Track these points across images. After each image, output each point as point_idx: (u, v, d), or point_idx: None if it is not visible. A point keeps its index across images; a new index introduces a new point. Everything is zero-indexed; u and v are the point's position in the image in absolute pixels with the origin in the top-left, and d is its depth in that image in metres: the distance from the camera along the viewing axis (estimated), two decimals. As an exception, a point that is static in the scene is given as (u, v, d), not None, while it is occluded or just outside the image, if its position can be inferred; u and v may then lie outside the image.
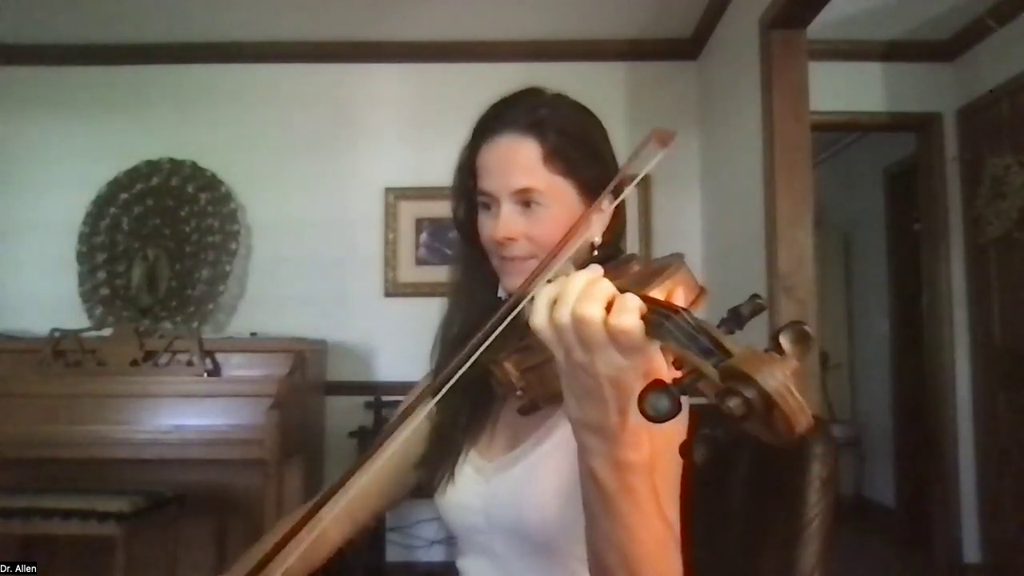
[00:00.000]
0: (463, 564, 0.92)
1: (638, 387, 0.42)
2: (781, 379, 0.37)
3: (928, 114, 3.57)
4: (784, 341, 0.40)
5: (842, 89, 3.45)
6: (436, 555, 3.34)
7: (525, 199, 0.84)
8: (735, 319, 0.46)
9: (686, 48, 3.56)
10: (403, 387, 1.06)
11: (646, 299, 0.53)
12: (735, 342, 0.42)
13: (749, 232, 2.80)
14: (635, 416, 0.42)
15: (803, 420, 0.37)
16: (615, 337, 0.53)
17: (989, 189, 3.23)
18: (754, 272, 2.73)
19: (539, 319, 0.58)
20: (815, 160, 3.05)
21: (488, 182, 0.86)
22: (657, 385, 0.41)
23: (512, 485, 0.85)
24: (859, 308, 5.19)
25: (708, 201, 3.49)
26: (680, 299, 0.59)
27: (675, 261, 0.66)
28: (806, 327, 0.40)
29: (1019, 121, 3.14)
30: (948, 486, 3.48)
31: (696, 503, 0.94)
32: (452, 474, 0.90)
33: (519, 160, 0.84)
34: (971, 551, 3.42)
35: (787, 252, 2.54)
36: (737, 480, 0.91)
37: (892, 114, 3.57)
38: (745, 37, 2.84)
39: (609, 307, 0.54)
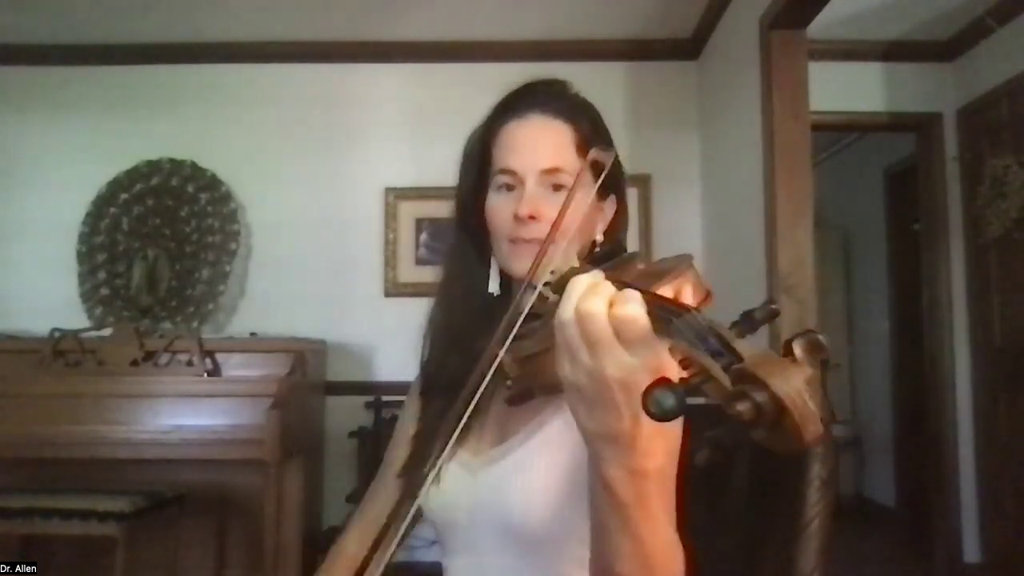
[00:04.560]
0: (448, 564, 0.91)
1: None
2: (796, 385, 0.36)
3: (928, 114, 3.57)
4: (797, 349, 0.39)
5: (842, 89, 3.45)
6: (436, 555, 3.33)
7: (553, 181, 0.83)
8: (748, 322, 0.44)
9: (686, 48, 3.56)
10: (403, 387, 1.05)
11: (653, 296, 0.51)
12: (746, 346, 0.41)
13: (749, 232, 2.80)
14: (647, 421, 0.41)
15: (813, 429, 0.36)
16: (620, 329, 0.51)
17: (989, 189, 3.23)
18: (754, 272, 2.73)
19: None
20: (815, 160, 3.05)
21: (514, 159, 0.84)
22: (663, 382, 0.40)
23: (497, 480, 0.83)
24: (859, 308, 5.20)
25: (708, 201, 3.49)
26: (688, 299, 0.58)
27: (684, 261, 0.65)
28: (820, 337, 0.40)
29: (1019, 121, 3.13)
30: (948, 486, 3.48)
31: (696, 503, 0.94)
32: (438, 473, 0.88)
33: (551, 140, 0.83)
34: (971, 551, 3.42)
35: (787, 252, 2.54)
36: (737, 480, 0.91)
37: (892, 114, 3.57)
38: (745, 37, 2.84)
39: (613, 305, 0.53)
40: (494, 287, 0.89)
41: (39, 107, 3.63)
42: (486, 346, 0.68)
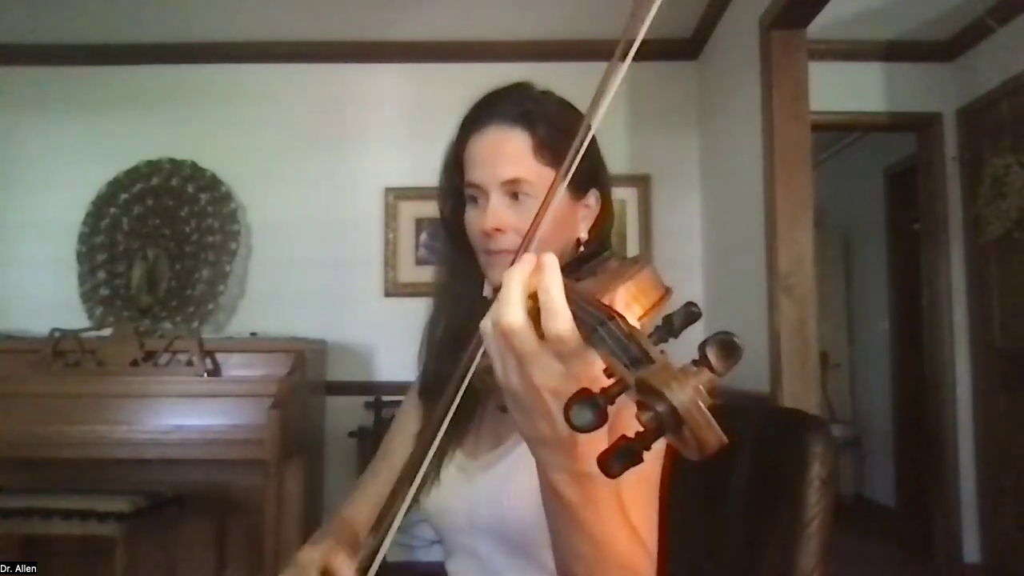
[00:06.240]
0: (450, 566, 0.91)
1: None
2: (691, 395, 0.36)
3: (928, 114, 3.57)
4: (710, 353, 0.38)
5: (842, 89, 3.45)
6: (436, 555, 3.34)
7: (514, 190, 0.83)
8: (666, 328, 0.44)
9: (686, 48, 3.56)
10: (403, 387, 1.05)
11: (586, 301, 0.51)
12: (661, 353, 0.40)
13: (749, 232, 2.79)
14: None
15: (711, 438, 0.36)
16: (551, 342, 0.50)
17: (989, 189, 3.23)
18: (754, 272, 2.73)
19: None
20: (815, 160, 3.05)
21: (477, 173, 0.85)
22: (583, 395, 0.39)
23: (493, 484, 0.84)
24: (859, 308, 5.20)
25: (708, 201, 3.49)
26: (620, 305, 0.57)
27: (638, 262, 0.64)
28: (734, 338, 0.39)
29: (1019, 121, 3.13)
30: (948, 486, 3.48)
31: (696, 503, 0.94)
32: (437, 475, 0.89)
33: (508, 150, 0.83)
34: (971, 551, 3.42)
35: (787, 252, 2.54)
36: (737, 480, 0.91)
37: (892, 114, 3.57)
38: (745, 37, 2.84)
39: (535, 308, 0.51)
40: (487, 291, 0.89)
41: (39, 107, 3.62)
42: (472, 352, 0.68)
